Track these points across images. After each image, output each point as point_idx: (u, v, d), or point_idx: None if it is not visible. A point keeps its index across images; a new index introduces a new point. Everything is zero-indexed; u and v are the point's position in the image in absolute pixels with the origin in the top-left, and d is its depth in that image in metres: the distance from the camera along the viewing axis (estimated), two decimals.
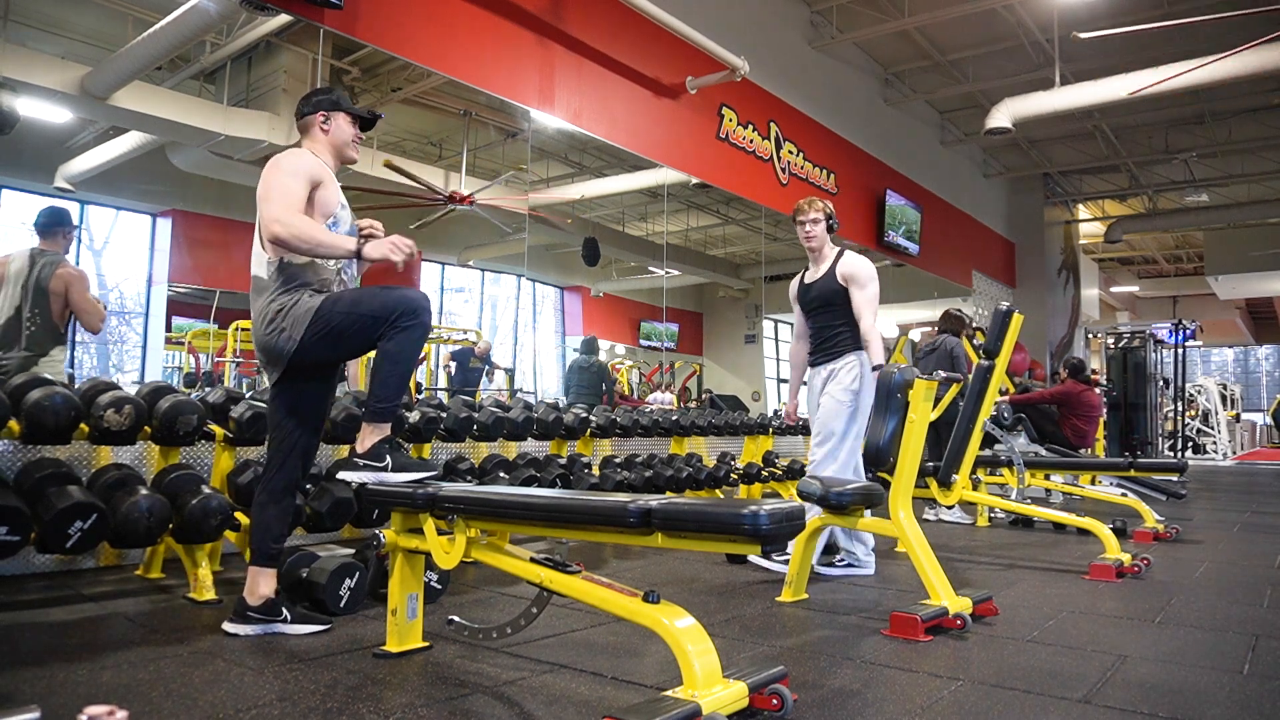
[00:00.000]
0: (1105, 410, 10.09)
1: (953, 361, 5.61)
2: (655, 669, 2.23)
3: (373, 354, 2.46)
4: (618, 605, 1.93)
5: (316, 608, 2.73)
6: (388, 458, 2.42)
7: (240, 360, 8.70)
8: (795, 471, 6.35)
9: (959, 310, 6.14)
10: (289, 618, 2.54)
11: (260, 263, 2.52)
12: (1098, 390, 7.41)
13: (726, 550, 1.97)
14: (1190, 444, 14.09)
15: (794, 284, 3.91)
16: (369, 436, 2.44)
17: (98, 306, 4.10)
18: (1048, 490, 6.14)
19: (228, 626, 2.50)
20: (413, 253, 2.43)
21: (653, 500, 1.90)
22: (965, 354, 5.80)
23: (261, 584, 2.53)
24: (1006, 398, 6.72)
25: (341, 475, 2.49)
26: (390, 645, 2.33)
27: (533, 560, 2.11)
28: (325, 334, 2.43)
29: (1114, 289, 21.84)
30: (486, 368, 9.79)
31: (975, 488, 4.91)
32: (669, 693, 1.74)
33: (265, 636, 2.48)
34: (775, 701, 1.83)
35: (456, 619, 2.39)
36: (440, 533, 2.26)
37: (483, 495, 2.25)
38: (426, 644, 2.39)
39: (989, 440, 4.90)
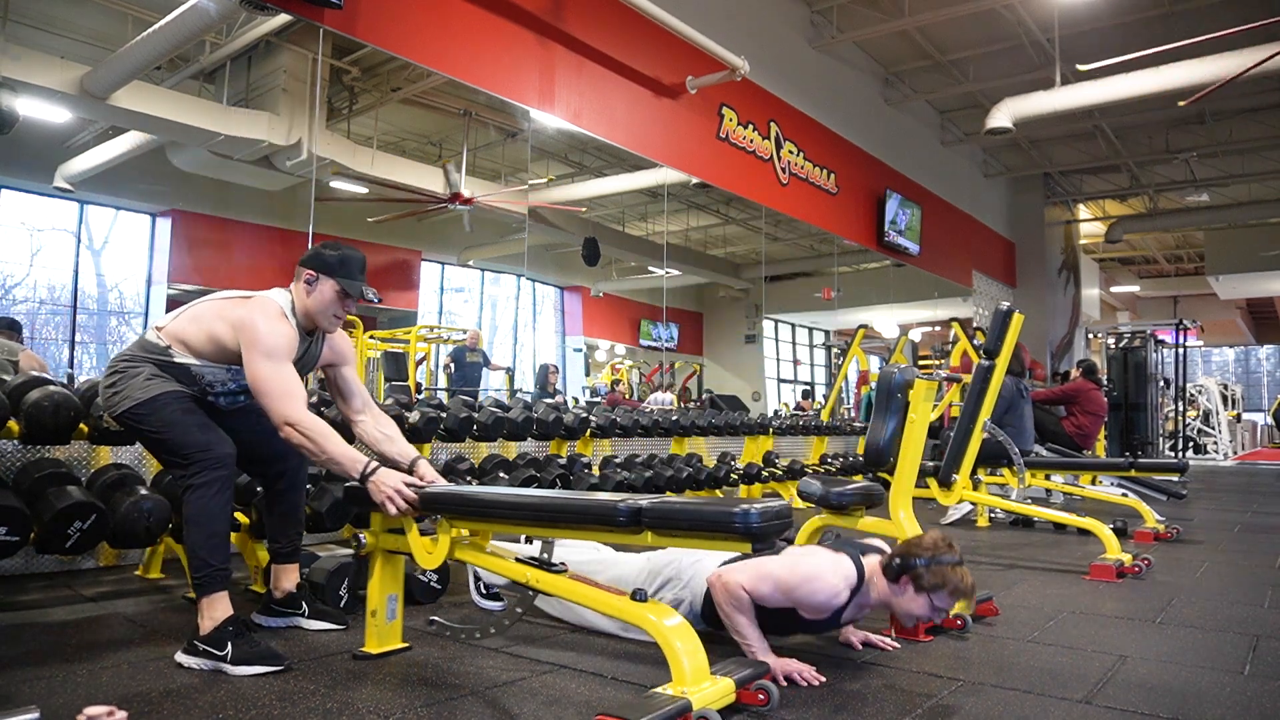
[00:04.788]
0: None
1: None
2: (655, 669, 2.23)
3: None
4: (606, 604, 1.94)
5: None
6: (229, 645, 2.16)
7: None
8: (795, 471, 6.35)
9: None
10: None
11: (155, 331, 2.43)
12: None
13: (718, 549, 1.98)
14: (1191, 444, 14.07)
15: None
16: (207, 613, 2.22)
17: None
18: (1048, 490, 6.13)
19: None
20: (408, 510, 2.19)
21: (643, 499, 1.90)
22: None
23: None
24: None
25: (179, 658, 2.21)
26: (369, 646, 2.32)
27: (518, 560, 2.10)
28: (138, 431, 2.38)
29: (1114, 289, 21.83)
30: (485, 364, 9.76)
31: (975, 488, 4.90)
32: (659, 689, 1.76)
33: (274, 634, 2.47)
34: (761, 696, 1.87)
35: (438, 619, 2.36)
36: (424, 532, 2.24)
37: (468, 495, 2.24)
38: (406, 645, 2.37)
39: (999, 449, 4.80)
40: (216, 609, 2.23)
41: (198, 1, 5.44)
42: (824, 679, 2.12)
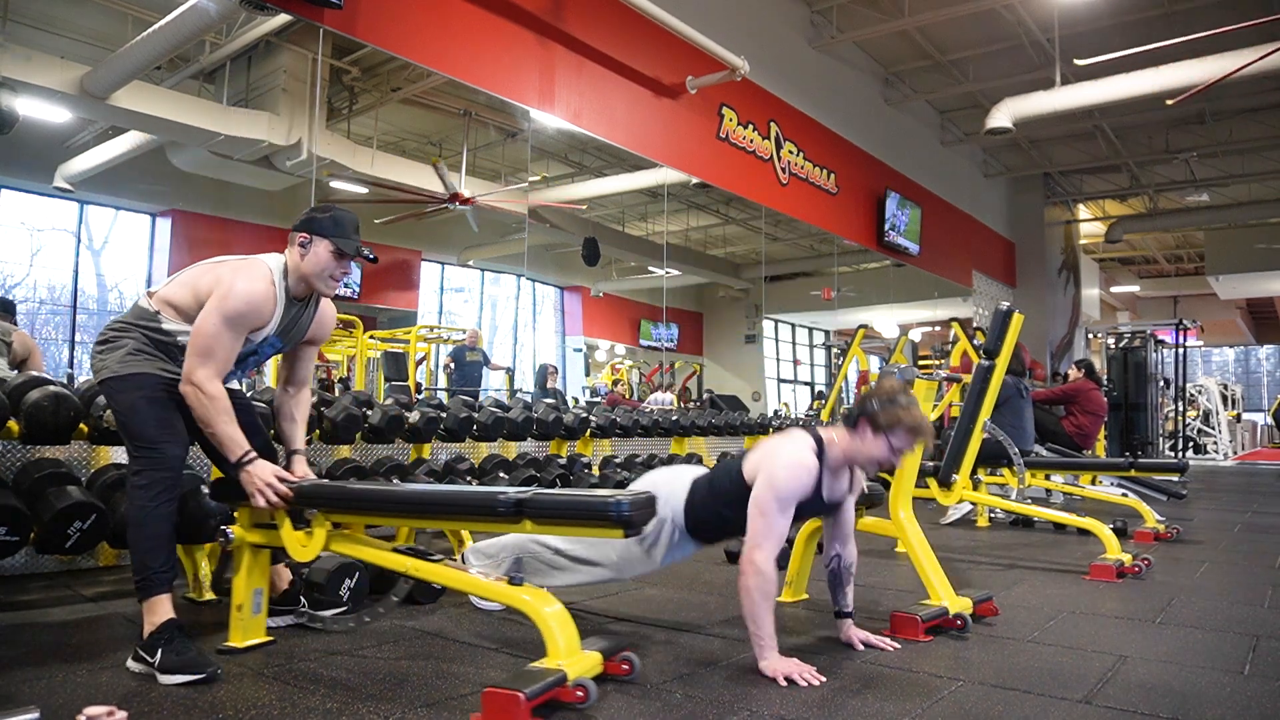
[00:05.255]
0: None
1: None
2: (654, 671, 2.23)
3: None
4: (486, 589, 2.09)
5: (317, 606, 2.74)
6: (159, 651, 2.09)
7: None
8: None
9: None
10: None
11: (146, 297, 2.40)
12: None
13: (593, 535, 2.08)
14: (1191, 444, 14.07)
15: None
16: (147, 617, 2.17)
17: None
18: (1048, 490, 6.13)
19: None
20: (278, 504, 2.22)
21: (525, 491, 2.03)
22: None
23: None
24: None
25: (129, 665, 2.16)
26: (233, 640, 2.32)
27: (396, 550, 2.18)
28: (109, 404, 2.37)
29: (1114, 289, 21.83)
30: (485, 364, 9.75)
31: (975, 487, 4.90)
32: (537, 664, 1.91)
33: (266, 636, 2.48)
34: (625, 666, 2.06)
35: (306, 610, 2.38)
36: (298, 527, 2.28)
37: (342, 490, 2.31)
38: (270, 639, 2.38)
39: (999, 449, 4.79)
40: (156, 613, 2.17)
41: (198, 1, 5.45)
42: (824, 679, 2.12)
